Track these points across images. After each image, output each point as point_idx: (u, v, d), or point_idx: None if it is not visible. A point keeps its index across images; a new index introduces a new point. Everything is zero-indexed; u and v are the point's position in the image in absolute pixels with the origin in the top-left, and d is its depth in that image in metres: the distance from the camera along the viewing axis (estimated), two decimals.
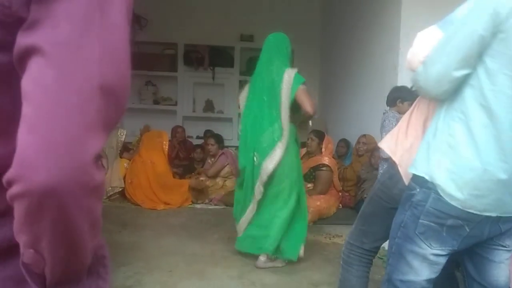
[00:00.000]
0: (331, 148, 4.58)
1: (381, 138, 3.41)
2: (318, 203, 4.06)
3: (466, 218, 1.24)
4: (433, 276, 1.34)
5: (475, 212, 1.21)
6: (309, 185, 4.38)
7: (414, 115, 1.45)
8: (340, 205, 4.41)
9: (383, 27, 4.17)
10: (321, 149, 4.43)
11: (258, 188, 2.87)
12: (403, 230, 1.35)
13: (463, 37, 1.14)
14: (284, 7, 6.50)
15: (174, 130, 5.77)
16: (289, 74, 2.81)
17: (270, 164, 2.81)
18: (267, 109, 2.87)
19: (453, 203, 1.22)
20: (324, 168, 4.33)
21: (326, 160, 4.35)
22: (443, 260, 1.33)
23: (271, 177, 2.85)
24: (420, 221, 1.29)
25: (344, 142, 5.04)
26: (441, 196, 1.23)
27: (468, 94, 1.17)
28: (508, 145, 1.13)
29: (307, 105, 2.74)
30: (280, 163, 2.81)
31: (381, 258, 2.76)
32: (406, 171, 1.38)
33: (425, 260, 1.31)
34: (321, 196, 4.18)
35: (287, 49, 3.04)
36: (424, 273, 1.33)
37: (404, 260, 1.34)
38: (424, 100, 1.41)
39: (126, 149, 5.09)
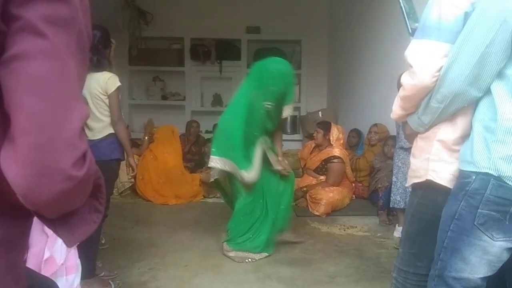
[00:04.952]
0: (343, 138, 4.51)
1: (400, 127, 3.34)
2: (331, 194, 4.01)
3: None
4: (490, 274, 1.24)
5: None
6: (322, 177, 4.34)
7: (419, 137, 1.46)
8: (354, 196, 4.36)
9: (393, 13, 4.08)
10: (329, 140, 4.37)
11: None
12: (458, 222, 1.25)
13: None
14: None
15: (189, 125, 5.76)
16: None
17: None
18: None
19: None
20: (335, 160, 4.27)
21: (337, 152, 4.29)
22: (506, 255, 1.22)
23: None
24: (479, 211, 1.20)
25: (356, 132, 4.97)
26: (503, 181, 1.16)
27: None
28: None
29: None
30: None
31: (397, 248, 2.72)
32: (445, 175, 1.35)
33: (486, 254, 1.22)
34: (334, 188, 4.13)
35: None
36: (481, 270, 1.24)
37: (460, 255, 1.25)
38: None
39: (135, 144, 5.08)
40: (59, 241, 1.67)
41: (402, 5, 1.49)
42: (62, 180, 0.57)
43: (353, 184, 4.41)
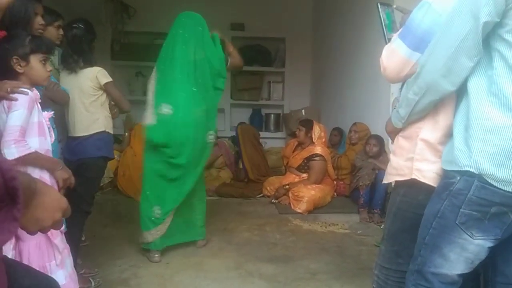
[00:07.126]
0: (325, 137, 4.55)
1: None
2: (313, 192, 4.05)
3: (511, 204, 1.20)
4: (467, 271, 1.29)
5: None
6: (304, 175, 4.37)
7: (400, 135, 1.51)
8: (335, 193, 4.41)
9: (376, 14, 4.13)
10: (311, 138, 4.40)
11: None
12: (440, 220, 1.29)
13: (468, 29, 1.18)
14: None
15: None
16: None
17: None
18: None
19: (508, 188, 1.17)
20: (317, 158, 4.31)
21: (319, 150, 4.34)
22: (483, 254, 1.27)
23: None
24: (462, 210, 1.24)
25: (337, 131, 5.03)
26: (485, 183, 1.19)
27: (496, 75, 1.19)
28: None
29: None
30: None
31: (377, 245, 2.77)
32: (428, 174, 1.39)
33: (464, 251, 1.26)
34: (316, 185, 4.17)
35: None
36: (459, 267, 1.28)
37: (440, 251, 1.29)
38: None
39: (116, 140, 5.02)
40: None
41: (381, 16, 1.56)
42: None
43: (335, 182, 4.46)
